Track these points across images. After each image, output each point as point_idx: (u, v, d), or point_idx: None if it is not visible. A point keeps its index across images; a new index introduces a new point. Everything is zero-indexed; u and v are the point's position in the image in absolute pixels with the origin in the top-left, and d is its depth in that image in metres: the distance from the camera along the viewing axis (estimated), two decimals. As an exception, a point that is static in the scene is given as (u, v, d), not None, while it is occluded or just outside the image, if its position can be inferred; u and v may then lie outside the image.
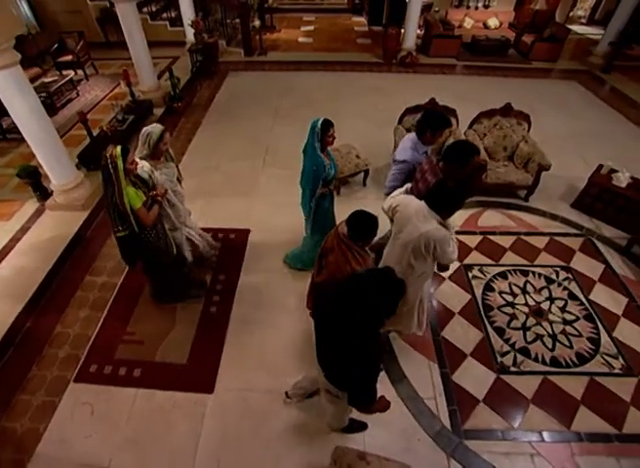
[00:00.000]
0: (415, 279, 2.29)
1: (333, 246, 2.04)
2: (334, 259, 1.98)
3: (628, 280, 3.51)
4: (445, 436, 2.47)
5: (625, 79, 7.14)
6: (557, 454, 2.40)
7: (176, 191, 2.86)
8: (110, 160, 2.24)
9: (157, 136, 2.57)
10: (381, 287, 1.49)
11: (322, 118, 2.61)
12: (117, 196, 2.31)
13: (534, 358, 2.88)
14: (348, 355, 1.60)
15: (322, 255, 2.15)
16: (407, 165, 2.74)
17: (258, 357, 2.88)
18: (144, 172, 2.56)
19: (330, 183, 2.86)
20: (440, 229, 2.05)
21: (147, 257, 2.79)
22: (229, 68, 7.28)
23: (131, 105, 5.26)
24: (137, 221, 2.44)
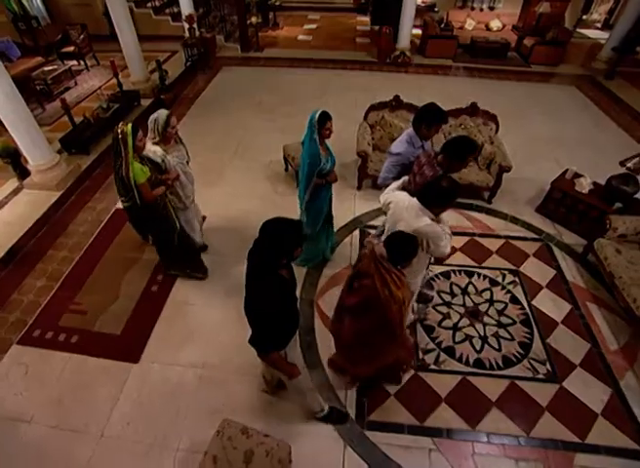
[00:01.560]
0: (409, 274, 2.31)
1: (370, 269, 1.92)
2: (370, 283, 1.91)
3: (577, 287, 3.42)
4: (347, 425, 2.50)
5: (628, 86, 6.86)
6: (456, 452, 2.39)
7: (186, 172, 3.06)
8: (121, 136, 2.44)
9: (163, 120, 2.73)
10: (284, 228, 1.67)
11: (320, 110, 2.61)
12: (124, 169, 2.50)
13: (457, 358, 2.86)
14: (251, 296, 1.75)
15: (355, 277, 2.06)
16: (401, 158, 2.76)
17: (186, 334, 3.00)
18: (157, 156, 2.75)
19: (326, 176, 2.89)
20: (432, 225, 2.09)
21: (151, 229, 3.00)
22: (224, 63, 7.46)
23: (117, 95, 5.49)
24: (139, 195, 2.61)
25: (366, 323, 2.05)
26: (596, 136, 5.52)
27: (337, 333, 2.32)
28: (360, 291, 2.01)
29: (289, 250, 1.71)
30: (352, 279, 2.08)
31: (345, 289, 2.14)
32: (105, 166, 4.88)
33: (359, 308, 2.03)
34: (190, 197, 3.19)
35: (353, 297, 2.06)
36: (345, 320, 2.17)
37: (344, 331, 2.20)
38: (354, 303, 2.06)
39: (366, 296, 1.97)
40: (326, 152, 2.84)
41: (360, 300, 2.01)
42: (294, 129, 4.89)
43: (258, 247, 1.72)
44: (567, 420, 2.54)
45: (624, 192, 3.54)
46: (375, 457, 2.36)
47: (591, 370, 2.82)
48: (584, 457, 2.38)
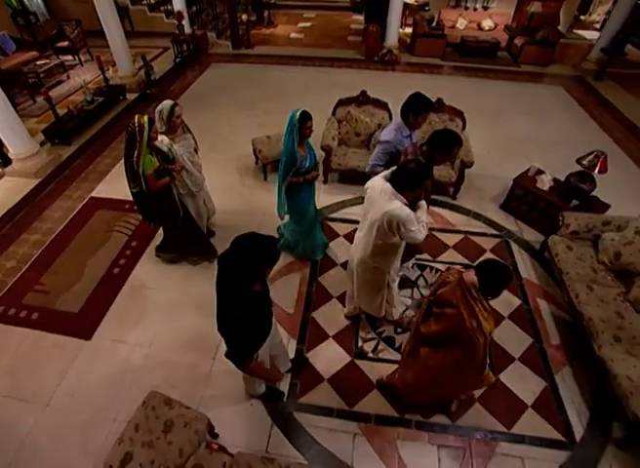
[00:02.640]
0: (382, 259, 2.38)
1: (456, 297, 1.80)
2: (456, 313, 1.78)
3: (530, 283, 3.43)
4: (278, 406, 2.58)
5: (616, 87, 6.77)
6: (381, 437, 2.44)
7: (193, 161, 3.16)
8: (138, 127, 2.58)
9: (168, 110, 2.83)
10: (256, 246, 1.62)
11: (300, 110, 2.65)
12: (135, 158, 2.65)
13: (396, 347, 2.90)
14: (226, 308, 1.76)
15: (435, 304, 1.95)
16: (389, 145, 2.79)
17: (139, 315, 3.13)
18: (164, 145, 2.87)
19: (305, 174, 2.94)
20: (403, 208, 2.08)
21: (156, 215, 3.15)
22: (214, 60, 7.61)
23: (102, 89, 5.67)
24: (146, 184, 2.77)
25: (449, 356, 1.92)
26: (575, 135, 5.48)
27: (408, 364, 2.15)
28: (442, 319, 1.88)
29: (260, 267, 1.66)
30: (431, 305, 1.96)
31: (421, 315, 2.00)
32: (86, 156, 5.05)
33: (440, 339, 1.92)
34: (199, 184, 3.30)
35: (433, 325, 1.93)
36: (422, 350, 2.03)
37: (420, 362, 2.06)
38: (434, 332, 1.93)
39: (449, 327, 1.85)
40: (305, 151, 2.87)
41: (441, 330, 1.89)
42: (274, 124, 4.95)
43: (229, 261, 1.66)
44: (496, 411, 2.56)
45: (581, 189, 3.53)
46: (300, 438, 2.43)
47: (529, 363, 2.84)
48: (507, 446, 2.42)
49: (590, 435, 2.48)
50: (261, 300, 1.83)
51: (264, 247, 1.63)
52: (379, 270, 2.45)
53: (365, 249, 2.35)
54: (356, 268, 2.54)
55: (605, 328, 2.70)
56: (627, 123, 5.79)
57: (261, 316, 1.88)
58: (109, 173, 4.76)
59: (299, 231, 3.33)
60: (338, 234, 3.82)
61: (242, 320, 1.71)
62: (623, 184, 4.57)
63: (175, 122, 2.89)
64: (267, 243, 1.64)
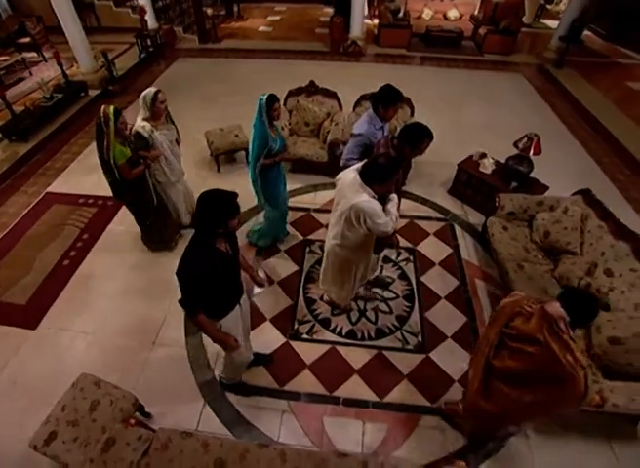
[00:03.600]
0: (351, 251, 2.42)
1: (542, 333, 1.64)
2: (543, 351, 1.63)
3: (470, 265, 3.52)
4: (210, 386, 2.65)
5: (575, 74, 6.88)
6: (308, 414, 2.52)
7: (172, 150, 3.21)
8: (104, 118, 2.62)
9: (151, 96, 2.87)
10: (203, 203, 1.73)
11: (268, 94, 2.75)
12: (105, 149, 2.70)
13: (331, 329, 2.98)
14: (181, 261, 1.80)
15: (511, 338, 1.79)
16: (362, 138, 2.79)
17: (85, 304, 3.19)
18: (146, 131, 2.93)
19: (275, 156, 3.00)
20: (370, 201, 2.10)
21: (131, 203, 3.20)
22: (181, 55, 7.58)
23: (62, 85, 5.64)
24: (119, 173, 2.83)
25: (539, 394, 1.73)
26: (530, 122, 5.56)
27: (478, 396, 1.95)
28: (522, 357, 1.73)
29: (220, 219, 1.73)
30: (504, 337, 1.81)
31: (491, 348, 1.83)
32: (44, 153, 5.04)
33: (520, 376, 1.77)
34: (177, 174, 3.36)
35: (509, 361, 1.77)
36: (495, 384, 1.86)
37: (496, 397, 1.88)
38: (511, 369, 1.77)
39: (534, 367, 1.70)
40: (275, 133, 2.95)
41: (523, 369, 1.74)
42: (234, 117, 5.02)
43: (194, 217, 1.80)
44: (423, 387, 2.66)
45: (519, 171, 3.62)
46: (229, 416, 2.51)
47: (461, 341, 2.93)
48: (430, 419, 2.51)
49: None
50: (222, 258, 1.86)
51: (222, 199, 1.72)
52: (348, 261, 2.49)
53: (335, 237, 2.40)
54: (327, 255, 2.59)
55: (529, 303, 2.79)
56: (581, 109, 5.90)
57: (224, 276, 1.90)
58: (67, 168, 4.76)
59: (277, 215, 3.38)
60: (286, 222, 3.87)
61: (196, 271, 1.76)
62: (572, 168, 4.69)
63: (158, 108, 2.93)
64: (226, 196, 1.73)
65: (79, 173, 4.68)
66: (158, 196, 3.26)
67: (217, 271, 1.81)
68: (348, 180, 2.18)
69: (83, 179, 4.53)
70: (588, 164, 4.89)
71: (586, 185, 4.44)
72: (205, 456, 2.01)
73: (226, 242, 1.89)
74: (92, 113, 5.80)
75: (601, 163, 4.90)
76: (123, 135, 2.80)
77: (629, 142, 5.11)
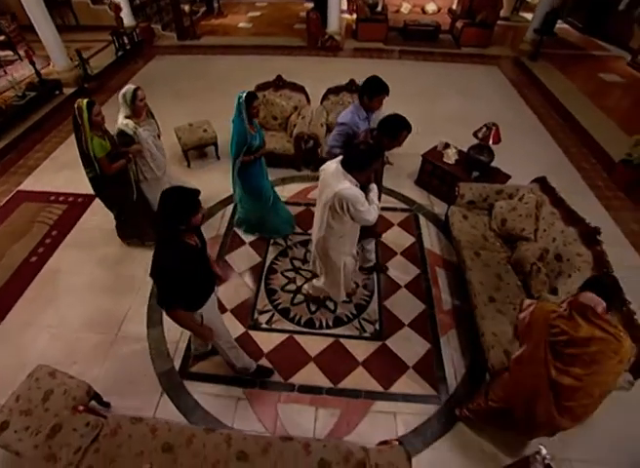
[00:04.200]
0: (336, 241, 2.44)
1: (591, 332, 1.63)
2: (604, 344, 1.63)
3: (432, 253, 3.58)
4: (169, 375, 2.70)
5: (549, 66, 6.95)
6: (263, 400, 2.57)
7: (156, 145, 3.25)
8: (78, 111, 2.64)
9: (130, 94, 2.88)
10: (164, 201, 1.77)
11: (246, 91, 2.81)
12: (84, 142, 2.72)
13: (290, 318, 3.02)
14: (153, 260, 1.84)
15: (566, 344, 1.70)
16: (346, 127, 2.81)
17: (51, 298, 3.23)
18: (129, 129, 2.96)
19: (255, 152, 3.05)
20: (352, 188, 2.13)
21: (110, 197, 3.21)
22: (159, 52, 7.58)
23: (35, 84, 5.63)
24: (99, 167, 2.85)
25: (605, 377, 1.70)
26: (503, 113, 5.62)
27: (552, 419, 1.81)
28: (587, 360, 1.66)
29: (183, 216, 1.76)
30: (554, 347, 1.73)
31: (547, 364, 1.74)
32: (17, 151, 5.04)
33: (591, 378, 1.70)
34: (162, 168, 3.39)
35: (579, 370, 1.68)
36: (569, 403, 1.76)
37: (569, 413, 1.79)
38: (583, 377, 1.69)
39: (606, 359, 1.65)
40: (255, 130, 2.99)
41: (593, 370, 1.67)
42: (207, 113, 5.08)
43: (158, 215, 1.81)
44: (377, 373, 2.71)
45: (480, 161, 3.68)
46: (185, 403, 2.56)
47: (418, 328, 2.98)
48: (382, 404, 2.56)
49: (461, 390, 2.64)
50: (191, 251, 1.90)
51: (182, 197, 1.76)
52: (335, 252, 2.51)
53: (320, 229, 2.42)
54: (315, 249, 2.60)
55: (482, 289, 2.85)
56: (553, 100, 5.97)
57: (195, 269, 1.94)
58: (39, 166, 4.77)
59: (259, 208, 3.40)
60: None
61: (168, 267, 1.79)
62: (540, 157, 4.77)
63: (138, 106, 2.96)
64: (186, 193, 1.77)
65: (51, 170, 4.69)
66: (138, 191, 3.28)
67: (188, 265, 1.86)
68: (331, 170, 2.22)
69: (55, 177, 4.55)
70: (556, 153, 4.96)
71: (552, 174, 4.51)
72: (153, 441, 2.06)
73: (194, 235, 1.94)
74: (66, 111, 5.79)
75: (568, 152, 4.98)
76: (100, 127, 2.82)
77: (597, 132, 5.18)
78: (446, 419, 2.49)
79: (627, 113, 5.74)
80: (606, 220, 4.00)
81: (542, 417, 1.80)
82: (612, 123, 5.45)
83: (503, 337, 2.55)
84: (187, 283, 1.87)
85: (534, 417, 1.84)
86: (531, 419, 1.88)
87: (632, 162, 4.26)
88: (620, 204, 4.23)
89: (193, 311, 2.04)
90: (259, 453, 2.01)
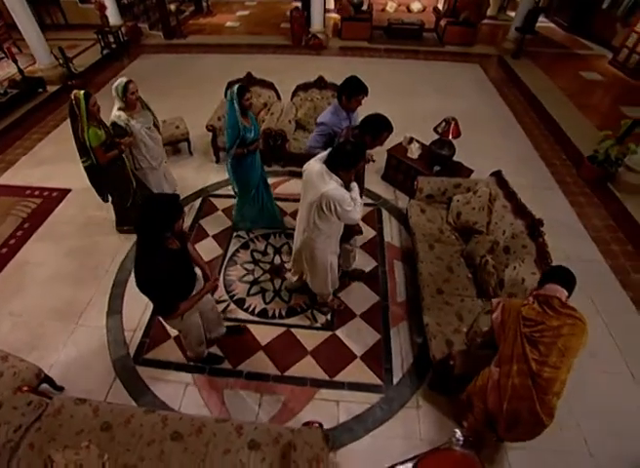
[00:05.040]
0: (323, 241, 2.45)
1: (561, 322, 1.69)
2: (569, 335, 1.69)
3: (391, 247, 3.64)
4: (123, 361, 2.78)
5: (531, 64, 6.98)
6: (210, 386, 2.64)
7: (151, 136, 3.34)
8: (75, 101, 2.74)
9: (122, 87, 2.98)
10: (147, 209, 1.78)
11: (238, 84, 2.88)
12: (80, 131, 2.82)
13: (245, 308, 3.09)
14: (138, 270, 1.84)
15: (541, 333, 1.72)
16: (326, 127, 2.83)
17: (18, 288, 3.32)
18: (121, 120, 3.08)
19: (249, 145, 3.10)
20: (339, 189, 2.15)
21: (109, 187, 3.31)
22: (144, 51, 7.68)
23: (17, 81, 5.74)
24: (94, 156, 2.95)
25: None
26: (479, 110, 5.70)
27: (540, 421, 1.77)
28: (559, 348, 1.68)
29: (165, 224, 1.75)
30: (531, 337, 1.73)
31: (527, 360, 1.73)
32: (3, 146, 5.12)
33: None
34: (158, 158, 3.48)
35: (555, 358, 1.70)
36: (549, 397, 1.74)
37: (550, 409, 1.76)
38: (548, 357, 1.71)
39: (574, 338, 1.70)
40: (249, 123, 3.04)
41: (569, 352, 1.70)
42: (185, 109, 5.26)
43: (138, 222, 1.80)
44: (325, 362, 2.77)
45: (441, 155, 3.73)
46: (136, 387, 2.64)
47: (369, 320, 3.04)
48: (326, 392, 2.62)
49: (407, 379, 2.70)
50: (175, 256, 1.91)
51: (163, 204, 1.76)
52: (321, 252, 2.52)
53: (306, 230, 2.43)
54: (301, 249, 2.61)
55: (431, 281, 2.91)
56: (531, 98, 6.02)
57: (179, 272, 1.95)
58: (17, 162, 4.86)
59: (249, 200, 3.46)
60: (217, 208, 4.00)
61: (156, 278, 1.80)
62: (511, 152, 4.83)
63: (130, 98, 3.06)
64: (167, 200, 1.78)
65: (29, 166, 4.79)
66: (137, 178, 3.38)
67: (172, 270, 1.86)
68: (315, 170, 2.23)
69: (32, 172, 4.64)
70: (528, 149, 5.01)
71: (522, 169, 4.62)
72: (93, 421, 2.14)
73: (176, 239, 1.95)
74: (49, 109, 5.92)
75: (540, 149, 5.02)
76: (96, 117, 2.93)
77: (570, 129, 5.22)
78: (388, 408, 2.54)
79: (603, 111, 5.77)
80: (570, 215, 4.06)
81: (527, 419, 1.79)
82: (587, 121, 5.49)
83: (447, 328, 2.61)
84: (173, 286, 1.90)
85: (518, 420, 1.82)
86: (516, 424, 1.85)
87: (597, 158, 4.30)
88: (585, 200, 4.27)
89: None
90: (192, 434, 2.08)
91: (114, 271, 3.43)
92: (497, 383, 1.85)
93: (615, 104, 5.99)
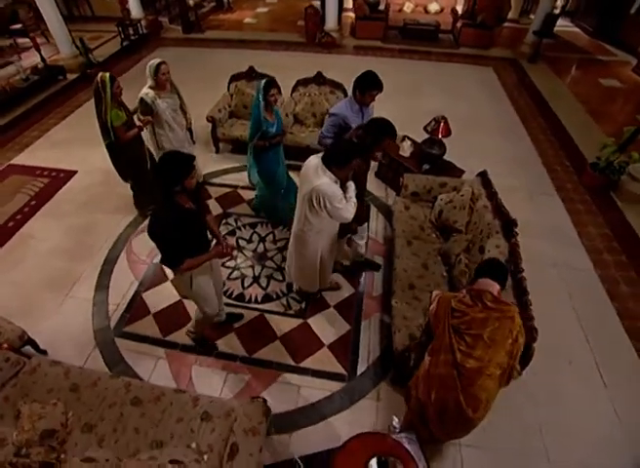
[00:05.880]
0: (314, 235, 2.47)
1: (489, 316, 1.69)
2: (496, 329, 1.69)
3: (374, 242, 3.68)
4: (104, 332, 2.95)
5: (547, 69, 6.82)
6: (180, 362, 2.76)
7: (175, 119, 3.49)
8: (101, 84, 2.97)
9: (154, 67, 3.17)
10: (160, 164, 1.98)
11: (266, 79, 2.96)
12: (103, 112, 3.04)
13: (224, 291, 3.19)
14: (150, 220, 2.01)
15: (468, 325, 1.73)
16: (336, 118, 2.87)
17: (20, 259, 3.54)
18: (149, 98, 3.24)
19: (271, 139, 3.16)
20: (330, 185, 2.16)
21: (128, 166, 3.46)
22: (163, 44, 7.94)
23: (39, 69, 6.08)
24: (115, 136, 3.15)
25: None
26: (484, 112, 5.64)
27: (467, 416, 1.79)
28: (485, 341, 1.69)
29: (176, 178, 1.87)
30: (458, 329, 1.76)
31: (453, 350, 1.74)
32: (15, 129, 5.44)
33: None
34: (180, 141, 3.59)
35: (481, 351, 1.70)
36: (475, 389, 1.74)
37: (476, 402, 1.77)
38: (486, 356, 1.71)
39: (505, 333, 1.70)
40: (272, 117, 3.11)
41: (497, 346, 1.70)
42: (191, 101, 5.25)
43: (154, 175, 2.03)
44: (292, 348, 2.84)
45: (431, 154, 3.73)
46: (112, 357, 2.80)
47: (342, 311, 3.09)
48: (290, 376, 2.70)
49: (371, 371, 2.74)
50: (184, 211, 2.02)
51: (174, 161, 1.90)
52: (311, 246, 2.54)
53: (299, 223, 2.47)
54: (293, 241, 2.67)
55: (404, 276, 2.93)
56: (542, 103, 5.88)
57: (187, 227, 2.03)
58: (33, 144, 5.16)
59: (271, 193, 3.53)
60: (211, 196, 4.13)
61: (164, 226, 1.94)
62: (510, 156, 4.76)
63: (160, 78, 3.21)
64: (179, 158, 1.91)
65: (42, 148, 5.07)
66: (153, 160, 3.54)
67: (182, 226, 1.96)
68: (312, 165, 2.26)
69: (44, 154, 4.92)
70: (530, 154, 4.92)
71: (521, 173, 4.56)
72: (64, 381, 2.29)
73: (190, 200, 2.05)
74: (67, 95, 6.23)
75: (544, 154, 4.91)
76: (119, 99, 3.13)
77: (579, 136, 5.10)
78: (348, 398, 2.59)
79: (617, 119, 5.59)
80: (565, 222, 3.98)
81: (453, 411, 1.80)
82: (598, 128, 5.34)
83: (413, 322, 2.63)
84: (181, 242, 1.98)
85: (445, 412, 1.85)
86: (443, 415, 1.87)
87: (599, 165, 4.18)
88: (583, 207, 4.17)
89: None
90: (151, 401, 2.20)
91: (107, 248, 3.61)
92: (427, 373, 1.87)
93: (631, 112, 5.79)
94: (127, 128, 3.20)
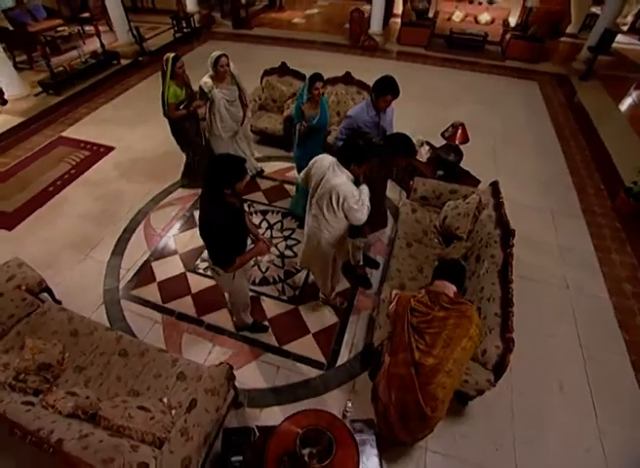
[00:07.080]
0: (329, 233, 2.47)
1: (447, 316, 1.71)
2: (454, 328, 1.71)
3: (378, 243, 3.68)
4: (112, 292, 3.21)
5: (599, 87, 6.44)
6: (173, 328, 2.95)
7: (228, 109, 3.61)
8: (165, 62, 3.28)
9: (214, 59, 3.31)
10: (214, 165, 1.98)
11: (312, 73, 3.07)
12: (163, 88, 3.37)
13: (225, 270, 3.36)
14: (203, 220, 2.06)
15: (428, 323, 1.74)
16: (351, 120, 2.90)
17: (53, 219, 3.91)
18: (206, 86, 3.44)
19: (313, 129, 3.25)
20: (348, 184, 2.19)
21: (182, 138, 3.78)
22: (213, 37, 8.36)
23: (97, 53, 6.66)
24: (166, 109, 3.49)
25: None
26: (520, 126, 5.46)
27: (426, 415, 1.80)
28: (444, 340, 1.71)
29: (229, 181, 1.89)
30: (418, 328, 1.76)
31: (411, 349, 1.74)
32: (70, 105, 5.97)
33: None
34: (229, 132, 3.74)
35: (440, 350, 1.71)
36: (432, 387, 1.75)
37: (434, 401, 1.78)
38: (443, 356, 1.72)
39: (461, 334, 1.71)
40: (317, 111, 3.19)
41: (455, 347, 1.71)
42: None
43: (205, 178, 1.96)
44: (279, 331, 2.94)
45: (446, 160, 3.69)
46: (115, 315, 3.04)
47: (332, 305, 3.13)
48: (271, 356, 2.79)
49: (350, 364, 2.77)
50: (235, 212, 2.08)
51: (227, 165, 1.90)
52: (327, 245, 2.55)
53: (314, 221, 2.48)
54: (307, 239, 2.72)
55: (396, 276, 2.94)
56: (585, 121, 5.58)
57: (237, 226, 2.11)
58: (82, 119, 5.66)
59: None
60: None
61: (218, 226, 1.97)
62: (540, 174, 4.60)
63: (219, 70, 3.34)
64: (232, 162, 1.91)
65: (90, 124, 5.54)
66: (206, 139, 3.81)
67: (233, 221, 2.04)
68: (326, 163, 2.28)
69: (89, 129, 5.38)
70: (562, 174, 4.70)
71: (548, 193, 4.38)
72: (67, 326, 2.55)
73: (236, 198, 2.11)
74: (118, 79, 6.73)
75: (576, 175, 4.68)
76: (180, 78, 3.38)
77: (621, 160, 4.80)
78: (323, 385, 2.64)
79: (667, 144, 5.19)
80: (585, 246, 3.80)
81: (413, 410, 1.81)
82: (643, 151, 4.99)
83: (395, 320, 2.63)
84: (231, 238, 2.04)
85: (406, 413, 1.86)
86: (404, 416, 1.88)
87: (633, 190, 3.93)
88: (610, 233, 3.94)
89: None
90: (136, 355, 2.39)
91: (129, 219, 3.90)
92: (387, 372, 1.88)
93: (683, 138, 5.35)
94: (180, 106, 3.46)
